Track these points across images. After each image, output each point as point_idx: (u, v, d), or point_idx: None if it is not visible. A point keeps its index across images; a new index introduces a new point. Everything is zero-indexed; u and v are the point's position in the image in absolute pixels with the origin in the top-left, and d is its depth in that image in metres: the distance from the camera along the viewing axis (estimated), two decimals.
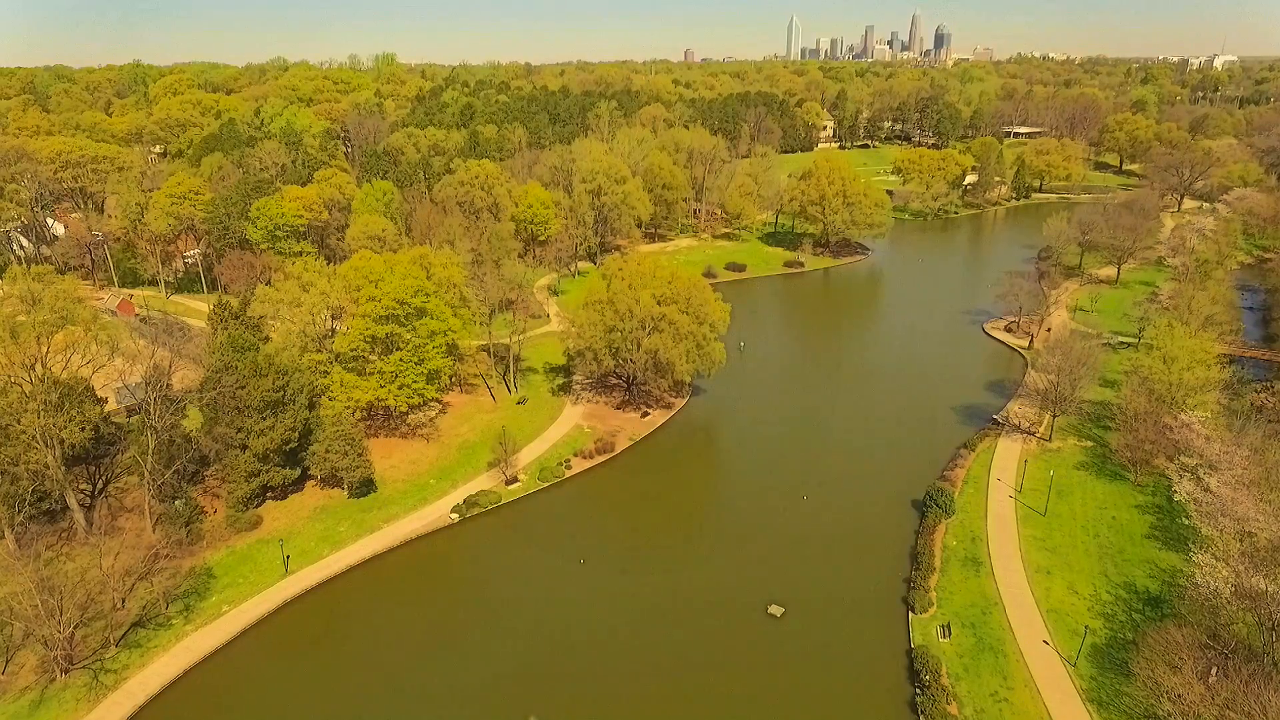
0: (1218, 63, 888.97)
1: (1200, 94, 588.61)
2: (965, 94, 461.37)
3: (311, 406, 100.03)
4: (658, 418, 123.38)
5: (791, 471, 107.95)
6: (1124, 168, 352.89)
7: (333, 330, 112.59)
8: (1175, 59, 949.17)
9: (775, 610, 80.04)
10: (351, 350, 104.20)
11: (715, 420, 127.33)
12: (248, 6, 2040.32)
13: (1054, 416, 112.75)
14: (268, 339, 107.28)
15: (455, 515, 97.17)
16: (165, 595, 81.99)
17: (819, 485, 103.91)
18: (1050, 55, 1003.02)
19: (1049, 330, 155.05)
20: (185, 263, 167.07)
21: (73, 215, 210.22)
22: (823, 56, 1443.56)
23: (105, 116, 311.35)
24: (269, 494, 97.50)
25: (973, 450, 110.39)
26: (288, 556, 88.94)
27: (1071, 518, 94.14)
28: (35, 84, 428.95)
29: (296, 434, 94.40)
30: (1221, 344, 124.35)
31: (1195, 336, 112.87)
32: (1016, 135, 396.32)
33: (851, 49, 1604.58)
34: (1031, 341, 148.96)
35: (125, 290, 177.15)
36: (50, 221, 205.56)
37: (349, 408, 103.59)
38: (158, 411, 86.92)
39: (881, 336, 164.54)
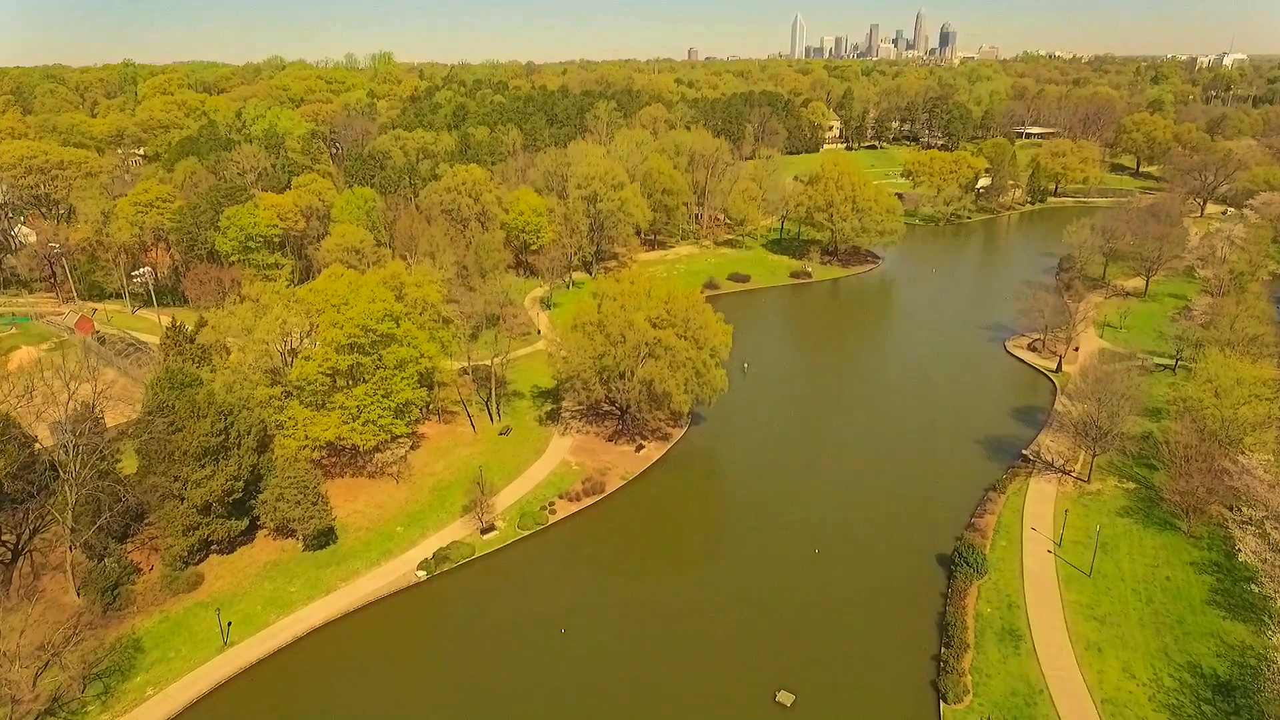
0: (1227, 61, 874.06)
1: (1212, 93, 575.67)
2: (974, 93, 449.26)
3: (263, 448, 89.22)
4: (653, 452, 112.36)
5: (801, 518, 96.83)
6: (1141, 170, 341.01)
7: (293, 356, 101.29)
8: (1183, 57, 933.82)
9: (785, 698, 68.93)
10: (309, 383, 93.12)
11: (716, 455, 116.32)
12: (249, 6, 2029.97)
13: (1093, 455, 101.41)
14: (214, 370, 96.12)
15: (422, 572, 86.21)
16: (83, 675, 71.21)
17: (832, 535, 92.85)
18: (1056, 54, 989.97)
19: (1076, 350, 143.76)
20: (145, 276, 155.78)
21: (45, 223, 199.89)
22: (827, 55, 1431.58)
23: (86, 118, 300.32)
24: (213, 547, 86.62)
25: (1002, 493, 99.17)
26: (229, 624, 78.22)
27: (1120, 578, 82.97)
28: (23, 85, 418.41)
29: (242, 483, 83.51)
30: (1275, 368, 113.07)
31: (1254, 364, 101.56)
32: (1028, 136, 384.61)
33: (856, 47, 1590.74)
34: (1060, 363, 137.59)
35: (91, 304, 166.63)
36: (22, 229, 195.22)
37: (306, 447, 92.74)
38: (78, 462, 75.99)
39: (896, 356, 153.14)
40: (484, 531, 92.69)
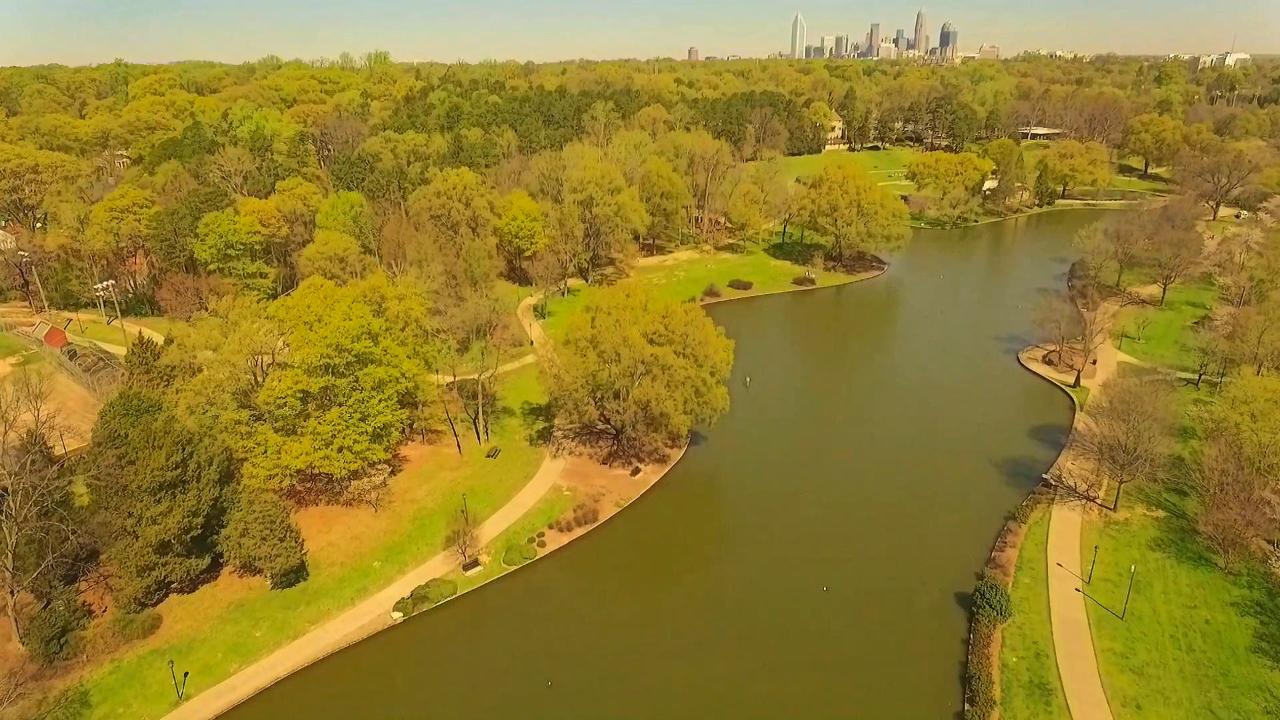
0: (1230, 60, 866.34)
1: (1217, 93, 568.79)
2: (979, 94, 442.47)
3: (228, 479, 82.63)
4: (650, 475, 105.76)
5: (808, 549, 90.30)
6: (1149, 171, 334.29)
7: (265, 377, 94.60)
8: (1185, 57, 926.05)
9: None
10: (278, 407, 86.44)
11: (716, 479, 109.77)
12: (250, 5, 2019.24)
13: (1120, 482, 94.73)
14: (180, 391, 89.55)
15: (399, 614, 79.64)
16: None
17: (841, 570, 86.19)
18: (1057, 53, 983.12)
19: (1094, 363, 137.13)
20: (110, 289, 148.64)
21: (23, 228, 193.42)
22: (827, 55, 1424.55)
23: (71, 119, 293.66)
24: (172, 586, 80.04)
25: (1023, 522, 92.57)
26: (185, 675, 71.73)
27: (1155, 621, 76.43)
28: (11, 86, 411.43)
29: (201, 518, 76.89)
30: None
31: None
32: (1034, 137, 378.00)
33: (856, 47, 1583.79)
34: (1078, 378, 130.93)
35: (66, 314, 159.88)
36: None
37: (275, 475, 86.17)
38: (18, 499, 69.44)
39: (904, 369, 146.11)
40: (467, 567, 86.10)
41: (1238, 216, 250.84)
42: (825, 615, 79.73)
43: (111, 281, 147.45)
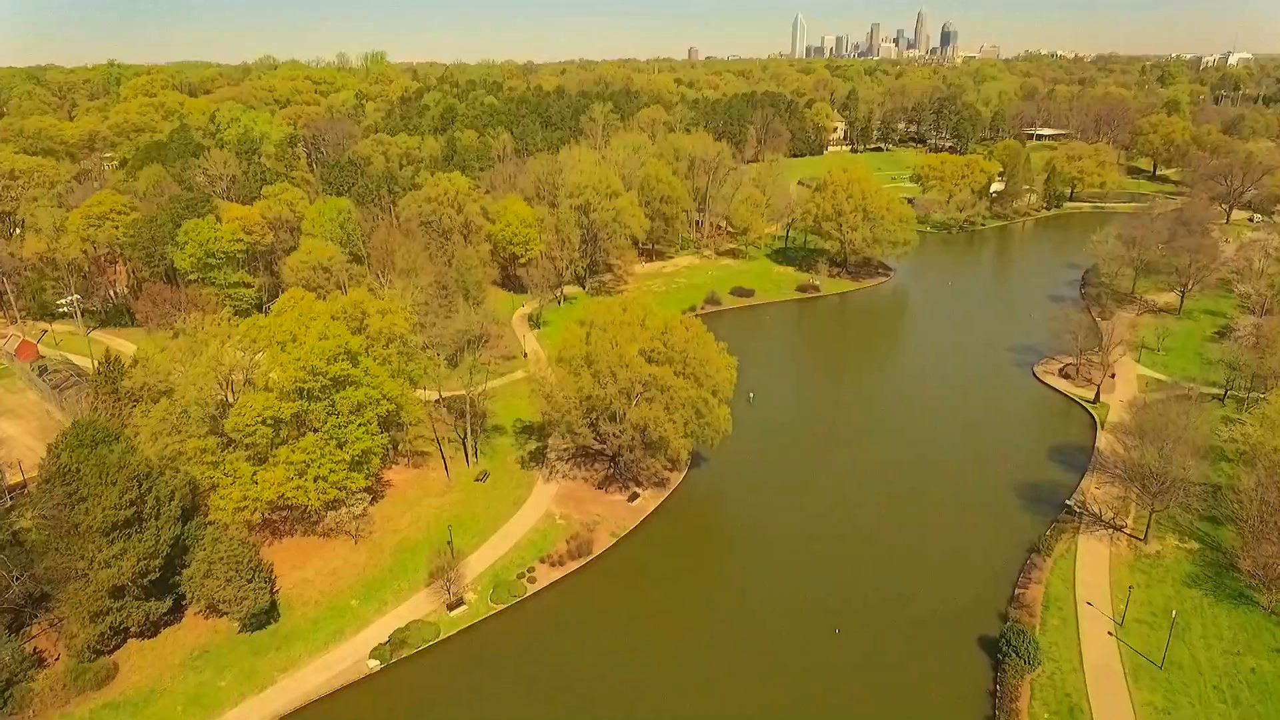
0: (1232, 60, 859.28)
1: (1221, 93, 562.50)
2: (983, 94, 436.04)
3: (193, 513, 76.60)
4: (648, 501, 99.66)
5: (817, 586, 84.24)
6: (1158, 173, 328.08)
7: (235, 394, 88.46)
8: (1188, 56, 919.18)
9: None
10: (246, 435, 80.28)
11: (718, 505, 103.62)
12: (248, 4, 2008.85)
13: (1151, 512, 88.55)
14: (147, 413, 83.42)
15: (375, 662, 73.55)
16: None
17: (855, 610, 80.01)
18: (1058, 53, 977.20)
19: (1113, 376, 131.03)
20: (74, 303, 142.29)
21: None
22: (828, 54, 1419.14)
23: (58, 121, 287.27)
24: (131, 630, 73.96)
25: (1047, 555, 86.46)
26: None
27: (1196, 670, 70.33)
28: (1, 87, 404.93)
29: (160, 560, 70.83)
30: None
31: None
32: (1039, 138, 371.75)
33: (856, 47, 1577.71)
34: (1097, 393, 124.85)
35: (41, 325, 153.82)
36: None
37: (244, 507, 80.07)
38: None
39: (914, 383, 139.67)
40: (451, 606, 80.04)
41: (1251, 220, 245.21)
42: (839, 661, 73.75)
43: (77, 296, 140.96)
